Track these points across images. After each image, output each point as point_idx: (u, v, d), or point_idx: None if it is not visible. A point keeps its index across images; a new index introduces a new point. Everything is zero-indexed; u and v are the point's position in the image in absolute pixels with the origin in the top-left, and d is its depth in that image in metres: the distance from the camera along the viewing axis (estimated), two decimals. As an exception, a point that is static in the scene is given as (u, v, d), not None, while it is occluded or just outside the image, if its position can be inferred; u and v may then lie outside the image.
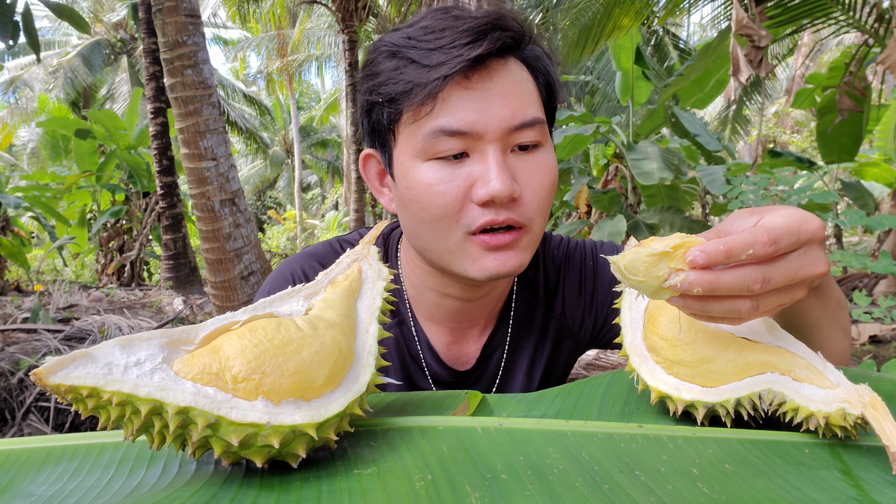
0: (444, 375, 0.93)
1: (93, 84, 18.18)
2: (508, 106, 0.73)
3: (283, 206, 30.03)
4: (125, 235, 10.24)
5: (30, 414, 3.34)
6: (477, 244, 0.75)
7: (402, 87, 0.73)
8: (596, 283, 0.97)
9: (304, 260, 0.95)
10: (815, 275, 0.51)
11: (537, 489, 0.42)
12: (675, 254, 0.49)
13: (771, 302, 0.50)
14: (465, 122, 0.71)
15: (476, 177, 0.73)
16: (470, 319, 0.93)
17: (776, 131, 18.19)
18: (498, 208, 0.73)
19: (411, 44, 0.73)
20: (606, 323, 0.98)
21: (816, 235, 0.51)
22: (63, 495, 0.44)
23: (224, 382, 0.43)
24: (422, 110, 0.72)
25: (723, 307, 0.49)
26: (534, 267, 0.98)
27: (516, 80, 0.75)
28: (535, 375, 0.96)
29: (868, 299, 2.19)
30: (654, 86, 6.82)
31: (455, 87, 0.72)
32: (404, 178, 0.77)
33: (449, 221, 0.74)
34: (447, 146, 0.73)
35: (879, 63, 4.13)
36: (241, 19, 14.53)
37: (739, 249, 0.47)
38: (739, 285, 0.47)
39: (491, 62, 0.73)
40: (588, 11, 6.29)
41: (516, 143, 0.75)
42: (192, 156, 4.15)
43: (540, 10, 11.42)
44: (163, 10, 4.07)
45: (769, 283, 0.48)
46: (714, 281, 0.47)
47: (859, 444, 0.50)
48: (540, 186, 0.76)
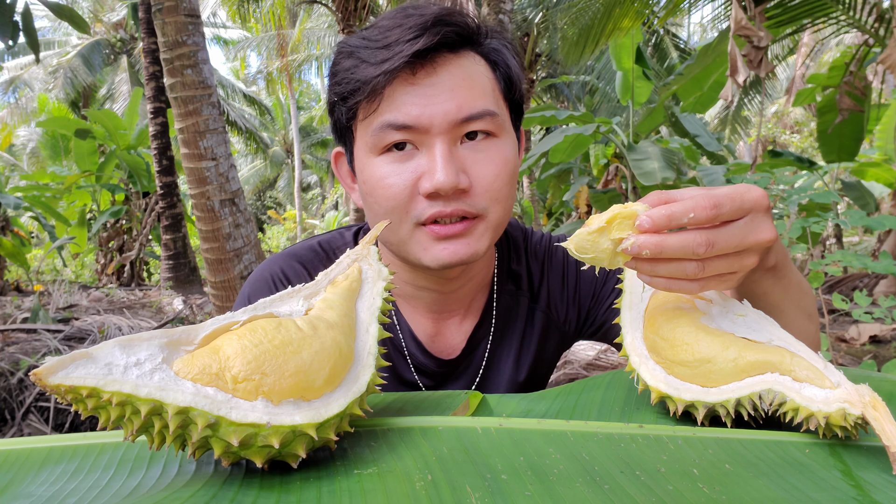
0: (430, 365, 0.94)
1: (93, 84, 18.18)
2: (455, 99, 0.74)
3: (283, 206, 30.03)
4: (125, 235, 10.24)
5: (30, 414, 3.34)
6: (427, 234, 0.77)
7: (353, 86, 0.75)
8: (578, 277, 0.99)
9: (283, 261, 0.95)
10: (762, 241, 0.54)
11: (537, 489, 0.42)
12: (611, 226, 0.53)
13: (718, 266, 0.53)
14: (410, 117, 0.74)
15: (423, 170, 0.75)
16: (449, 310, 0.94)
17: (776, 131, 18.19)
18: (445, 200, 0.75)
19: (364, 44, 0.76)
20: (590, 315, 0.99)
21: (760, 203, 0.54)
22: (63, 495, 0.44)
23: (224, 383, 0.43)
24: (370, 107, 0.75)
25: (670, 268, 0.53)
26: (517, 260, 0.99)
27: (467, 74, 0.76)
28: (522, 367, 0.97)
29: (868, 299, 2.19)
30: (655, 86, 6.82)
31: (400, 83, 0.74)
32: (361, 173, 0.80)
33: (399, 213, 0.76)
34: (395, 139, 0.75)
35: (879, 63, 4.13)
36: (241, 19, 14.52)
37: (681, 213, 0.51)
38: (684, 248, 0.51)
39: (439, 58, 0.75)
40: (588, 11, 6.30)
41: (464, 134, 0.76)
42: (192, 156, 4.15)
43: (540, 10, 11.42)
44: (163, 9, 4.07)
45: (713, 246, 0.51)
46: (660, 243, 0.51)
47: (859, 444, 0.50)
48: (494, 176, 0.77)
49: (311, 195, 30.57)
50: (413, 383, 0.95)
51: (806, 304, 0.72)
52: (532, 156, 6.33)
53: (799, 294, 0.71)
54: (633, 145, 6.14)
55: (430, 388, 0.94)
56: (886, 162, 7.44)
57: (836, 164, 6.18)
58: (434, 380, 0.95)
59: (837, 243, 9.83)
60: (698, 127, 6.39)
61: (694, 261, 0.52)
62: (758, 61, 4.14)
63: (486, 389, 0.96)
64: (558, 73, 13.23)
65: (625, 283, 0.65)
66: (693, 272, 0.52)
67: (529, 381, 0.98)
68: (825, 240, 9.48)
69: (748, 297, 0.68)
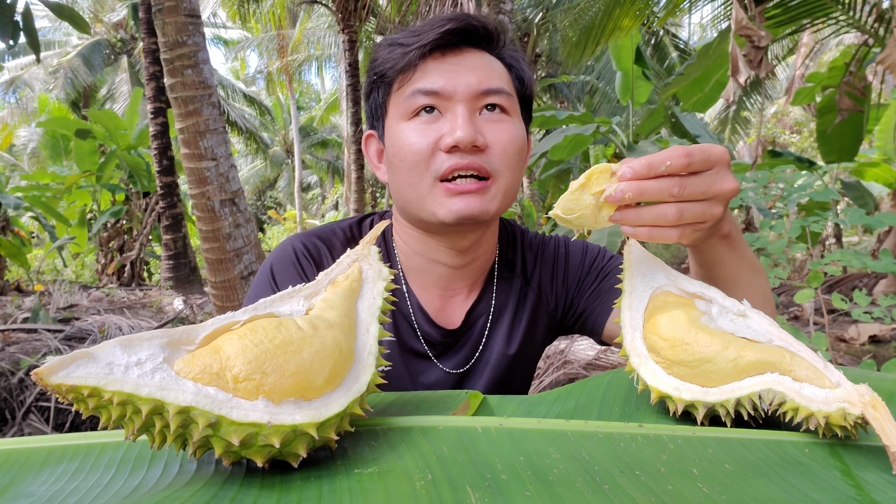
0: (434, 335, 1.02)
1: (93, 84, 18.17)
2: (476, 75, 0.87)
3: (283, 206, 30.02)
4: (125, 235, 10.24)
5: (30, 414, 3.34)
6: (443, 190, 0.86)
7: (392, 64, 0.89)
8: (567, 266, 1.09)
9: (305, 237, 1.03)
10: (726, 190, 0.63)
11: (537, 489, 0.42)
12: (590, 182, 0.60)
13: (692, 210, 0.62)
14: (437, 84, 0.86)
15: (445, 130, 0.85)
16: (455, 287, 1.03)
17: (776, 131, 18.19)
18: (463, 153, 0.84)
19: (402, 35, 0.90)
20: (573, 303, 1.08)
21: (723, 158, 0.64)
22: (63, 495, 0.44)
23: (225, 382, 0.43)
24: (405, 77, 0.88)
25: (653, 214, 0.61)
26: (513, 250, 1.09)
27: (487, 61, 0.90)
28: (513, 341, 1.05)
29: (868, 299, 2.19)
30: (654, 86, 6.82)
31: (432, 60, 0.88)
32: (391, 139, 0.91)
33: (420, 168, 0.86)
34: (422, 102, 0.86)
35: (879, 63, 4.13)
36: (241, 19, 14.51)
37: (659, 161, 0.60)
38: (661, 190, 0.60)
39: (465, 48, 0.89)
40: (588, 12, 6.30)
41: (484, 104, 0.87)
42: (192, 156, 4.15)
43: (540, 10, 11.42)
44: (163, 10, 4.07)
45: (686, 188, 0.61)
46: (640, 185, 0.60)
47: (859, 444, 0.50)
48: (507, 142, 0.87)
49: (311, 195, 30.57)
50: (421, 352, 1.02)
51: (760, 283, 0.81)
52: (532, 155, 6.33)
53: (752, 271, 0.80)
54: (632, 145, 6.14)
55: (436, 356, 1.03)
56: (886, 162, 7.44)
57: (836, 164, 6.18)
58: (438, 349, 1.03)
59: (837, 243, 9.83)
60: (698, 127, 6.39)
61: (673, 205, 0.61)
62: (758, 61, 4.14)
63: (482, 359, 1.05)
64: (558, 73, 13.23)
65: (624, 283, 0.65)
66: (673, 216, 0.61)
67: (518, 356, 1.05)
68: (825, 240, 9.48)
69: (707, 266, 0.78)
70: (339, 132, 25.57)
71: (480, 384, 1.03)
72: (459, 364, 1.03)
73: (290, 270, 0.97)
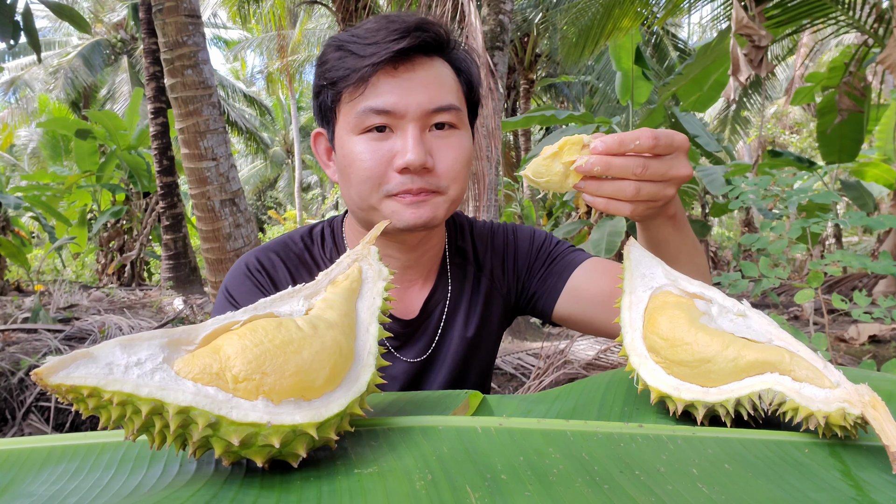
0: (393, 326, 1.05)
1: (93, 84, 18.17)
2: (427, 93, 0.88)
3: (283, 206, 30.02)
4: (125, 235, 10.24)
5: (30, 414, 3.34)
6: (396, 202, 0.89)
7: (342, 73, 0.88)
8: (516, 253, 1.13)
9: (256, 252, 1.06)
10: (682, 175, 0.70)
11: (537, 489, 0.42)
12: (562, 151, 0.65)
13: (648, 189, 0.69)
14: (389, 103, 0.86)
15: (397, 150, 0.87)
16: (410, 278, 1.07)
17: (775, 131, 18.18)
18: (413, 176, 0.87)
19: (353, 39, 0.89)
20: (525, 287, 1.13)
21: (684, 145, 0.70)
22: (63, 495, 0.44)
23: (225, 382, 0.43)
24: (356, 91, 0.87)
25: (613, 187, 0.68)
26: (462, 238, 1.13)
27: (438, 75, 0.90)
28: (471, 324, 1.09)
29: (867, 299, 2.19)
30: (654, 86, 6.82)
31: (383, 75, 0.87)
32: (341, 149, 0.92)
33: (372, 184, 0.89)
34: (374, 122, 0.87)
35: (879, 63, 4.13)
36: (241, 19, 14.51)
37: (629, 140, 0.66)
38: (626, 167, 0.67)
39: (416, 58, 0.88)
40: (587, 12, 6.30)
41: (433, 123, 0.89)
42: (193, 156, 4.15)
43: (540, 10, 11.42)
44: (163, 10, 4.07)
45: (647, 169, 0.67)
46: (608, 161, 0.66)
47: (859, 444, 0.50)
48: (454, 159, 0.90)
49: (312, 195, 30.56)
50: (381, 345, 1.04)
51: (700, 261, 0.90)
52: (532, 155, 6.33)
53: (694, 250, 0.88)
54: (633, 145, 6.13)
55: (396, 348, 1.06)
56: (886, 162, 7.44)
57: (836, 164, 6.18)
58: (398, 340, 1.06)
59: (837, 243, 9.83)
60: (698, 127, 6.39)
61: (632, 182, 0.67)
62: (758, 61, 4.14)
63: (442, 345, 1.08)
64: (558, 73, 13.22)
65: (624, 283, 0.65)
66: (631, 193, 0.68)
67: (476, 340, 1.09)
68: (824, 240, 9.48)
69: (653, 243, 0.85)
70: (339, 132, 25.48)
71: (442, 371, 1.06)
72: (419, 353, 1.06)
73: (246, 284, 1.00)
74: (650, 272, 0.65)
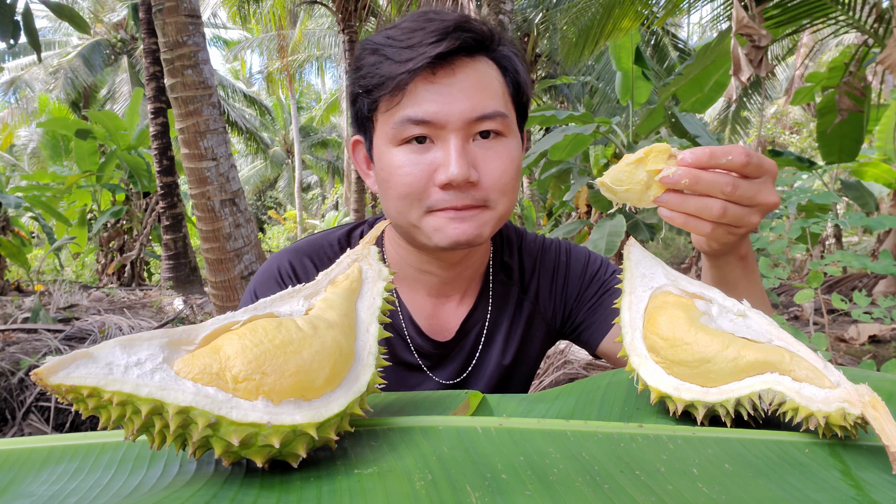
0: (426, 347, 0.99)
1: (93, 84, 18.17)
2: (470, 99, 0.80)
3: (283, 206, 30.01)
4: (125, 235, 10.23)
5: (30, 414, 3.33)
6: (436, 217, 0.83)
7: (378, 80, 0.81)
8: (567, 277, 1.05)
9: (290, 254, 1.00)
10: (770, 202, 0.65)
11: (537, 489, 0.42)
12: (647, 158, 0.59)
13: (735, 212, 0.63)
14: (428, 113, 0.79)
15: (438, 163, 0.81)
16: (446, 294, 1.00)
17: (775, 131, 18.19)
18: (457, 191, 0.81)
19: (389, 42, 0.82)
20: (572, 314, 1.06)
21: (774, 171, 0.65)
22: (63, 495, 0.44)
23: (224, 382, 0.43)
24: (392, 101, 0.81)
25: (698, 203, 0.62)
26: (509, 253, 1.06)
27: (481, 77, 0.82)
28: (508, 351, 1.02)
29: (868, 299, 2.19)
30: (654, 86, 6.82)
31: (421, 82, 0.80)
32: (380, 161, 0.86)
33: (412, 199, 0.82)
34: (413, 133, 0.81)
35: (879, 63, 4.13)
36: (241, 20, 14.51)
37: (721, 154, 0.61)
38: (715, 184, 0.61)
39: (457, 60, 0.81)
40: (587, 12, 6.29)
41: (477, 132, 0.82)
42: (193, 156, 4.15)
43: (540, 10, 11.42)
44: (163, 10, 4.07)
45: (737, 189, 0.61)
46: (697, 175, 0.60)
47: (859, 444, 0.50)
48: (501, 172, 0.83)
49: (312, 195, 30.56)
50: (414, 364, 1.00)
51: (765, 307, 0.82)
52: (532, 154, 6.33)
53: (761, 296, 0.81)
54: (632, 145, 6.14)
55: (429, 367, 1.00)
56: (886, 162, 7.44)
57: (836, 164, 6.18)
58: (431, 360, 1.00)
59: (837, 243, 9.83)
60: (698, 127, 6.39)
61: (719, 201, 0.61)
62: (758, 61, 4.14)
63: (477, 371, 1.02)
64: (558, 73, 13.22)
65: (624, 283, 0.65)
66: (717, 212, 0.62)
67: (513, 366, 1.03)
68: (824, 240, 9.47)
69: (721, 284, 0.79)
70: (339, 132, 25.57)
71: None
72: (452, 375, 1.01)
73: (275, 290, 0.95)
74: (650, 272, 0.65)
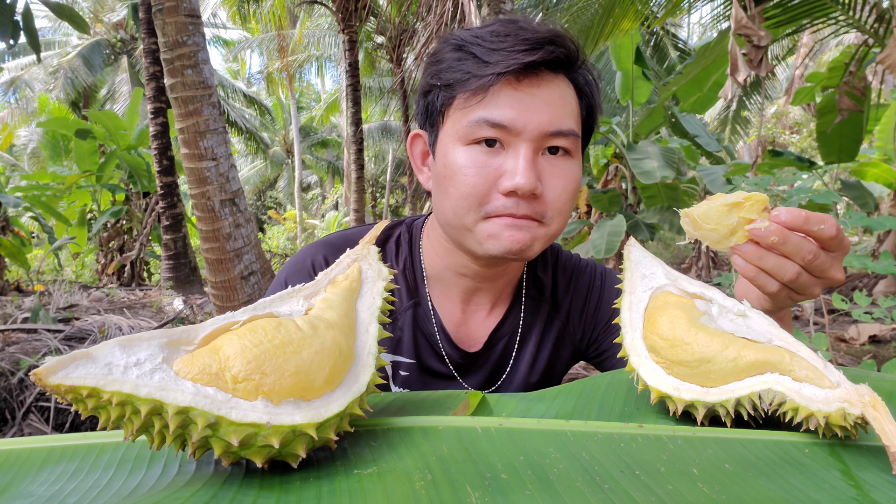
0: (454, 356, 0.99)
1: (93, 84, 18.17)
2: (549, 113, 0.80)
3: (283, 206, 30.02)
4: (125, 235, 10.23)
5: (30, 414, 3.33)
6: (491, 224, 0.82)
7: (461, 76, 0.81)
8: (601, 301, 1.04)
9: (324, 248, 0.99)
10: (837, 278, 0.64)
11: (537, 489, 0.42)
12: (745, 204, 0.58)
13: (805, 280, 0.63)
14: (506, 118, 0.79)
15: (506, 169, 0.80)
16: (477, 302, 0.99)
17: (775, 131, 18.19)
18: (518, 200, 0.80)
19: (476, 41, 0.81)
20: (597, 340, 1.05)
21: (847, 249, 0.64)
22: (63, 495, 0.44)
23: (224, 382, 0.43)
24: (473, 98, 0.80)
25: (776, 262, 0.62)
26: (543, 269, 1.04)
27: (562, 94, 0.82)
28: (536, 369, 1.01)
29: (868, 299, 2.19)
30: (654, 86, 6.82)
31: (505, 86, 0.79)
32: (444, 157, 0.84)
33: (471, 202, 0.81)
34: (486, 135, 0.80)
35: (879, 63, 4.13)
36: (241, 19, 14.51)
37: (815, 221, 0.60)
38: (800, 248, 0.61)
39: (542, 73, 0.81)
40: (587, 11, 6.29)
41: (547, 147, 0.82)
42: (193, 156, 4.15)
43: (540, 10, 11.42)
44: (163, 10, 4.07)
45: (817, 259, 0.61)
46: (787, 235, 0.60)
47: (859, 444, 0.50)
48: (563, 190, 0.83)
49: (312, 195, 30.56)
50: (443, 373, 1.00)
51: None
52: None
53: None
54: (632, 145, 6.15)
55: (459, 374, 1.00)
56: (886, 162, 7.44)
57: (836, 164, 6.18)
58: (458, 370, 1.00)
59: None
60: (698, 127, 6.39)
61: (796, 266, 0.61)
62: (758, 61, 4.14)
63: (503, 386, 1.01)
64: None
65: (624, 283, 0.65)
66: (791, 276, 0.62)
67: (539, 385, 1.02)
68: (825, 240, 9.45)
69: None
70: (339, 132, 25.56)
71: None
72: (478, 387, 1.00)
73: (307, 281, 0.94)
74: (650, 272, 0.65)
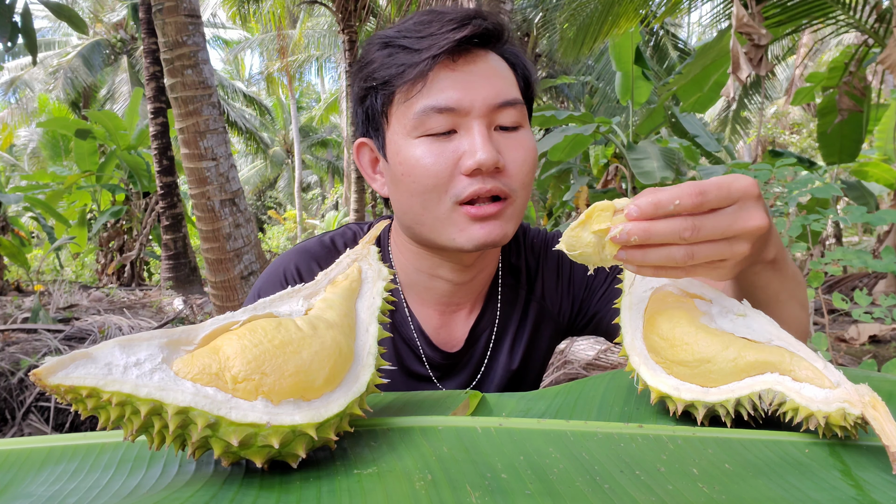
0: (436, 358, 0.98)
1: (93, 84, 18.18)
2: (492, 86, 0.80)
3: (283, 206, 30.02)
4: (125, 235, 10.24)
5: (30, 414, 3.33)
6: (464, 214, 0.80)
7: (395, 70, 0.80)
8: (572, 269, 1.04)
9: (297, 256, 0.98)
10: (750, 228, 0.54)
11: (537, 489, 0.42)
12: (590, 220, 0.54)
13: (706, 251, 0.54)
14: (452, 100, 0.78)
15: (463, 150, 0.79)
16: (458, 302, 0.98)
17: (775, 132, 18.19)
18: (484, 177, 0.78)
19: (402, 34, 0.81)
20: (583, 306, 1.04)
21: (749, 191, 0.54)
22: (63, 495, 0.44)
23: (224, 382, 0.43)
24: (413, 89, 0.79)
25: (660, 254, 0.53)
26: (516, 254, 1.04)
27: (498, 67, 0.83)
28: (515, 355, 1.01)
29: (868, 299, 2.19)
30: (654, 86, 6.82)
31: (442, 69, 0.79)
32: (396, 156, 0.83)
33: (439, 192, 0.80)
34: (436, 123, 0.79)
35: (879, 63, 4.13)
36: (241, 20, 14.52)
37: (667, 200, 0.51)
38: (671, 232, 0.52)
39: (474, 50, 0.81)
40: (586, 8, 6.29)
41: (499, 123, 0.81)
42: (192, 156, 4.15)
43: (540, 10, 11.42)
44: (163, 10, 4.07)
45: (699, 231, 0.52)
46: (648, 228, 0.52)
47: (859, 444, 0.50)
48: (522, 161, 0.82)
49: (311, 195, 30.57)
50: (424, 375, 0.99)
51: (800, 294, 0.74)
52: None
53: (794, 285, 0.72)
54: (632, 145, 6.15)
55: (438, 378, 0.99)
56: (886, 162, 7.44)
57: (837, 164, 6.18)
58: (441, 371, 0.99)
59: (837, 243, 9.83)
60: (698, 127, 6.39)
61: (682, 246, 0.53)
62: (758, 60, 4.14)
63: (486, 378, 1.00)
64: (558, 73, 13.22)
65: (624, 283, 0.65)
66: (682, 259, 0.53)
67: (521, 370, 1.01)
68: (825, 240, 9.48)
69: (748, 289, 0.70)
70: (339, 132, 25.56)
71: None
72: (462, 384, 1.00)
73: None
74: (650, 272, 0.64)
